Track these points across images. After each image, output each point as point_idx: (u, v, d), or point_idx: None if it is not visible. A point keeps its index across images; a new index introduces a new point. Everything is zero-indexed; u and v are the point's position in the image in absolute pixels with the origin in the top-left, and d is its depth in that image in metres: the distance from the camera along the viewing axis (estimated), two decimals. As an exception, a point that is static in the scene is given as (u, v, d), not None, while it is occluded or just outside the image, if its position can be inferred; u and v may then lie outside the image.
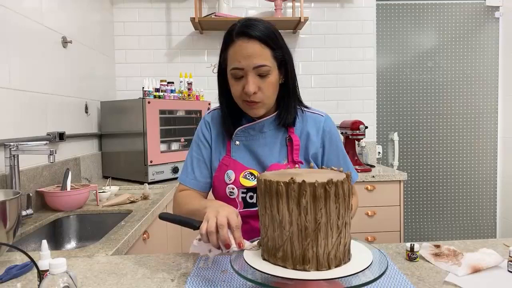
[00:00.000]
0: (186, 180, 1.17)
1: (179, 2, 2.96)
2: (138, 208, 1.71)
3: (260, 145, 1.13)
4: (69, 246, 1.65)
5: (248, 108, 1.06)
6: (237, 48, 1.00)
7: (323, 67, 3.08)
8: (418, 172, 3.21)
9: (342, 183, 0.69)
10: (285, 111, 1.10)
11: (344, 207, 0.70)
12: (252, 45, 0.98)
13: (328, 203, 0.68)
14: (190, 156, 1.18)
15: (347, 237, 0.72)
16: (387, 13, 3.14)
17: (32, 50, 1.74)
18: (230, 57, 1.02)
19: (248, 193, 1.11)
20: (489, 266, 0.88)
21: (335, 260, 0.69)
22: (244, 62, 0.99)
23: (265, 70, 1.00)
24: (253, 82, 0.99)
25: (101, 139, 2.55)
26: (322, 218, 0.68)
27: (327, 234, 0.68)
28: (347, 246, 0.72)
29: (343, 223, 0.70)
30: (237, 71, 1.01)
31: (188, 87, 2.76)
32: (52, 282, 0.63)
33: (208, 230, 0.80)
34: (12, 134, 1.58)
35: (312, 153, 1.13)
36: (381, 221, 2.55)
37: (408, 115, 3.19)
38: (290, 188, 0.68)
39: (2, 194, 1.08)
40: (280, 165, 1.10)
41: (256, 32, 0.98)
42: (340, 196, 0.69)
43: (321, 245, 0.68)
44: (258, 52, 0.99)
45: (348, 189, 0.71)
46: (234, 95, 1.06)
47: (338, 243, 0.69)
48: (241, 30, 0.99)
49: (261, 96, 1.02)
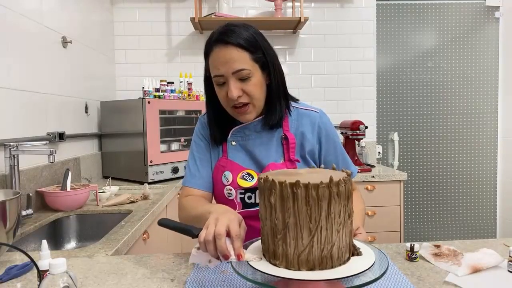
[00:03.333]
0: (191, 181, 1.14)
1: (179, 2, 2.96)
2: (138, 208, 1.71)
3: (256, 144, 1.13)
4: (69, 246, 1.65)
5: (238, 115, 1.06)
6: (215, 55, 1.01)
7: (323, 67, 3.08)
8: (418, 172, 3.21)
9: (318, 186, 0.66)
10: (270, 112, 1.09)
11: (319, 212, 0.67)
12: (229, 51, 0.99)
13: (296, 204, 0.67)
14: (192, 157, 1.17)
15: (325, 243, 0.68)
16: (387, 13, 3.14)
17: (32, 50, 1.74)
18: (211, 65, 1.03)
19: (247, 194, 1.10)
20: (489, 266, 0.88)
21: (306, 263, 0.68)
22: (223, 69, 1.00)
23: (245, 73, 1.00)
24: (234, 87, 1.00)
25: (101, 139, 2.55)
26: (290, 218, 0.67)
27: (297, 236, 0.67)
28: (326, 252, 0.68)
29: (317, 227, 0.67)
30: (218, 78, 1.02)
31: (188, 87, 2.76)
32: (52, 282, 0.63)
33: (205, 239, 0.75)
34: (12, 134, 1.58)
35: (308, 150, 1.12)
36: (381, 221, 2.55)
37: (408, 115, 3.19)
38: (264, 185, 0.71)
39: (2, 194, 1.08)
40: (277, 164, 1.10)
41: (232, 38, 0.99)
42: (312, 200, 0.66)
43: (291, 245, 0.68)
44: (235, 57, 0.99)
45: (329, 194, 0.67)
46: (222, 102, 1.06)
47: (310, 247, 0.67)
48: (217, 37, 1.01)
49: (247, 98, 1.03)
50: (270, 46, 1.08)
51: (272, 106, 1.09)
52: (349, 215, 0.71)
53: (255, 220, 1.07)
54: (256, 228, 1.09)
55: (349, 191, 0.71)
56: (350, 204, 0.72)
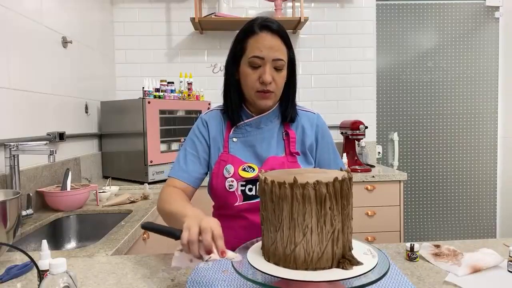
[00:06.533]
0: (176, 173, 1.15)
1: (179, 2, 2.96)
2: (138, 208, 1.72)
3: (258, 140, 1.16)
4: (69, 246, 1.65)
5: (260, 98, 1.10)
6: (259, 38, 1.06)
7: (323, 67, 3.08)
8: (418, 172, 3.21)
9: (304, 186, 0.67)
10: (290, 107, 1.16)
11: (303, 211, 0.68)
12: (275, 39, 1.06)
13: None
14: (184, 152, 1.18)
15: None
16: (387, 13, 3.14)
17: (32, 50, 1.74)
18: (251, 46, 1.07)
19: (247, 186, 1.12)
20: (489, 266, 0.88)
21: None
22: (266, 52, 1.05)
23: (281, 64, 1.07)
24: (269, 73, 1.06)
25: (101, 139, 2.55)
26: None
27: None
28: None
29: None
30: (256, 60, 1.06)
31: (188, 87, 2.76)
32: (52, 282, 0.63)
33: (189, 239, 0.76)
34: (12, 134, 1.57)
35: (308, 145, 1.18)
36: (381, 221, 2.55)
37: (408, 115, 3.19)
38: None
39: (2, 194, 1.08)
40: (278, 158, 1.13)
41: (280, 30, 1.08)
42: (296, 199, 0.68)
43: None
44: (279, 47, 1.07)
45: (317, 195, 0.68)
46: (248, 84, 1.09)
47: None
48: (264, 23, 1.07)
49: (274, 87, 1.08)
50: None
51: (293, 101, 1.17)
52: (349, 214, 0.73)
53: (255, 214, 1.08)
54: (252, 221, 1.09)
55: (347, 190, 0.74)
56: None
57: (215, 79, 2.98)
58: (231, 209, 1.12)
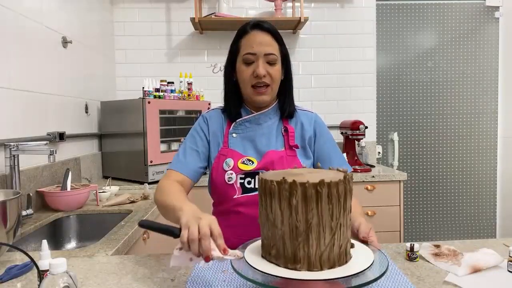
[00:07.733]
0: (176, 166, 1.16)
1: (179, 2, 2.96)
2: (138, 208, 1.72)
3: (257, 135, 1.19)
4: (69, 246, 1.65)
5: (256, 94, 1.14)
6: (251, 37, 1.13)
7: (323, 67, 3.08)
8: (418, 172, 3.21)
9: (337, 184, 0.68)
10: (288, 103, 1.21)
11: (339, 209, 0.69)
12: (265, 35, 1.13)
13: (320, 204, 0.67)
14: (184, 146, 1.21)
15: (342, 239, 0.70)
16: (387, 13, 3.14)
17: (32, 50, 1.74)
18: (244, 45, 1.14)
19: (246, 179, 1.14)
20: (489, 266, 0.88)
21: (328, 262, 0.69)
22: (257, 48, 1.11)
23: (273, 58, 1.12)
24: (263, 67, 1.11)
25: (101, 139, 2.55)
26: (313, 218, 0.67)
27: (319, 235, 0.68)
28: (342, 248, 0.71)
29: (338, 224, 0.69)
30: (249, 56, 1.12)
31: (188, 87, 2.76)
32: (52, 282, 0.63)
33: (189, 238, 0.76)
34: (12, 134, 1.57)
35: (307, 139, 1.21)
36: (381, 221, 2.55)
37: (408, 115, 3.19)
38: (281, 187, 0.69)
39: (2, 194, 1.08)
40: (278, 152, 1.16)
41: (269, 27, 1.14)
42: (333, 197, 0.68)
43: (313, 246, 0.68)
44: (269, 42, 1.13)
45: (345, 190, 0.70)
46: (244, 80, 1.14)
47: (332, 245, 0.69)
48: (256, 23, 1.14)
49: (269, 80, 1.13)
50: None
51: (290, 97, 1.22)
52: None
53: (253, 207, 1.07)
54: (250, 215, 1.09)
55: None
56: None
57: (215, 79, 2.99)
58: (230, 202, 1.13)
